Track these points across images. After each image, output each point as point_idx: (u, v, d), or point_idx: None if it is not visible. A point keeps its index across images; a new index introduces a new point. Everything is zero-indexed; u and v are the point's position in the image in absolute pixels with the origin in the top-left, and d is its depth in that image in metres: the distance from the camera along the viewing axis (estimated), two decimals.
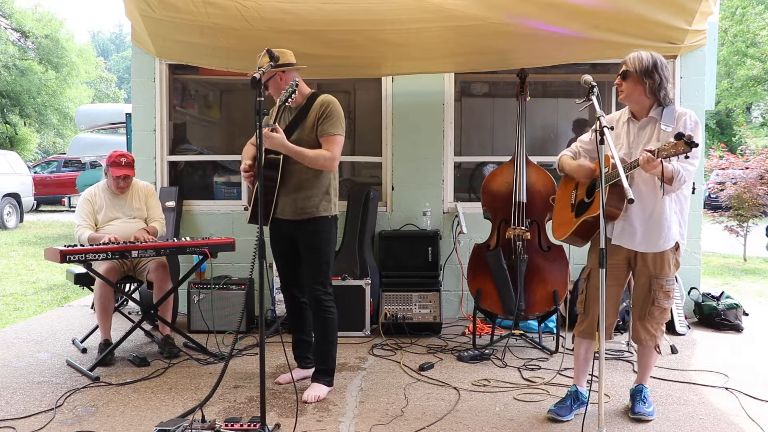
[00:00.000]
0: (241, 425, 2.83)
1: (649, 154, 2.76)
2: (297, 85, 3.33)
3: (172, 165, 5.69)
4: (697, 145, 2.65)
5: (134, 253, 3.94)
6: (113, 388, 3.64)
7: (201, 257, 4.14)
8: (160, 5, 4.33)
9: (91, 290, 4.39)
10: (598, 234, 3.15)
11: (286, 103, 3.35)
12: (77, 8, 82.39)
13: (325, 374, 3.57)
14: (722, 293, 5.25)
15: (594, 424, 2.83)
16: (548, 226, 4.26)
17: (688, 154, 2.67)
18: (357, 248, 5.12)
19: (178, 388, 3.65)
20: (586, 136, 3.32)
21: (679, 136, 2.65)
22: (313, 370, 3.63)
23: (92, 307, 4.90)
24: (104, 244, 3.98)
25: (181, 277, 4.59)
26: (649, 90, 2.99)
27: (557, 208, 3.46)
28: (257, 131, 2.92)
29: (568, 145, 3.48)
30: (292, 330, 3.85)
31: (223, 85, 6.90)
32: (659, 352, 3.21)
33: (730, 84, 23.64)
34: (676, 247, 3.10)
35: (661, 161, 2.75)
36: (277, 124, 3.39)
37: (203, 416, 2.84)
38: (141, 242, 4.05)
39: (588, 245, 3.30)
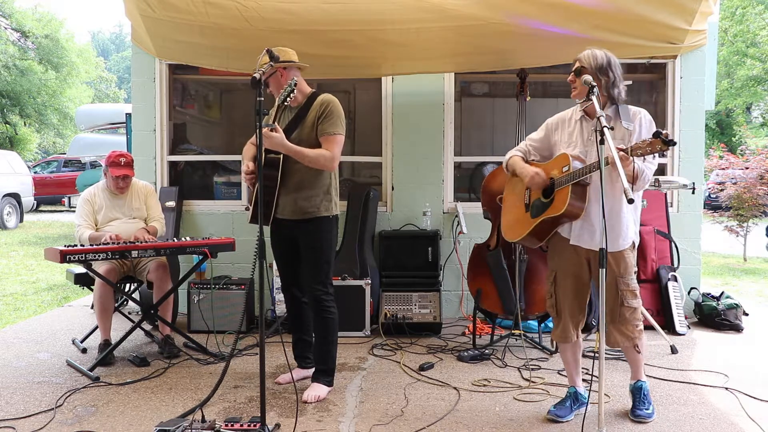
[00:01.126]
0: (241, 425, 2.83)
1: (621, 152, 2.75)
2: (296, 84, 3.33)
3: (172, 165, 5.69)
4: (674, 143, 2.66)
5: (134, 253, 3.94)
6: (113, 388, 3.64)
7: (201, 257, 4.14)
8: (160, 5, 4.33)
9: (91, 290, 4.38)
10: (555, 234, 3.15)
11: (285, 102, 3.35)
12: (77, 8, 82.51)
13: (325, 374, 3.56)
14: (722, 293, 5.25)
15: (594, 424, 2.83)
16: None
17: (666, 150, 2.68)
18: (357, 248, 5.12)
19: (178, 388, 3.65)
20: (536, 134, 3.30)
21: (656, 134, 2.66)
22: (313, 370, 3.63)
23: (92, 307, 4.90)
24: (104, 243, 3.98)
25: (181, 277, 4.59)
26: (603, 87, 3.00)
27: (506, 208, 3.42)
28: (257, 131, 2.92)
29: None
30: (292, 330, 3.84)
31: (223, 85, 6.90)
32: (638, 351, 3.15)
33: (730, 84, 23.64)
34: (633, 245, 3.10)
35: (634, 160, 2.75)
36: (276, 123, 3.39)
37: (203, 416, 2.84)
38: (141, 242, 4.05)
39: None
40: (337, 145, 3.45)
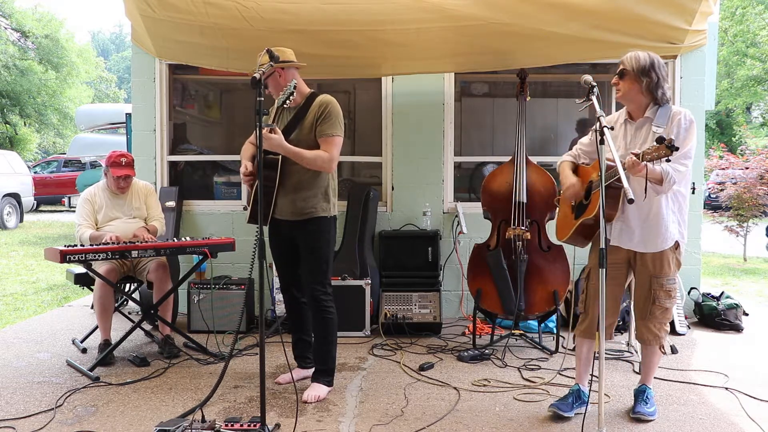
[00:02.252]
0: (241, 425, 2.83)
1: (634, 158, 2.76)
2: (296, 86, 3.33)
3: (172, 165, 5.69)
4: (677, 149, 2.65)
5: (134, 253, 3.94)
6: (113, 388, 3.64)
7: (201, 257, 4.14)
8: (160, 5, 4.33)
9: (91, 290, 4.39)
10: (598, 234, 3.17)
11: (285, 105, 3.35)
12: (77, 8, 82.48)
13: (325, 374, 3.56)
14: (722, 293, 5.25)
15: (594, 424, 2.83)
16: (549, 226, 4.28)
17: (671, 156, 2.66)
18: (357, 248, 5.12)
19: (178, 388, 3.65)
20: (586, 138, 3.34)
21: (660, 140, 2.66)
22: (313, 370, 3.63)
23: (92, 307, 4.90)
24: (105, 243, 3.98)
25: (181, 277, 4.59)
26: (645, 88, 3.00)
27: (560, 208, 3.47)
28: (257, 131, 2.92)
29: (570, 146, 3.48)
30: (292, 330, 3.85)
31: (223, 85, 6.90)
32: (664, 353, 3.20)
33: (730, 84, 23.63)
34: (676, 246, 3.10)
35: (646, 164, 2.76)
36: (275, 124, 3.39)
37: (203, 416, 2.84)
38: (141, 241, 4.05)
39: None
40: (336, 147, 3.45)
